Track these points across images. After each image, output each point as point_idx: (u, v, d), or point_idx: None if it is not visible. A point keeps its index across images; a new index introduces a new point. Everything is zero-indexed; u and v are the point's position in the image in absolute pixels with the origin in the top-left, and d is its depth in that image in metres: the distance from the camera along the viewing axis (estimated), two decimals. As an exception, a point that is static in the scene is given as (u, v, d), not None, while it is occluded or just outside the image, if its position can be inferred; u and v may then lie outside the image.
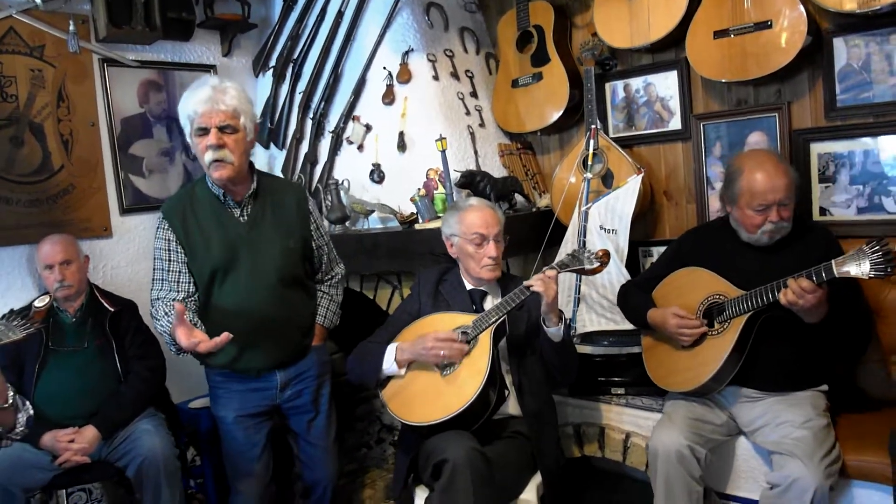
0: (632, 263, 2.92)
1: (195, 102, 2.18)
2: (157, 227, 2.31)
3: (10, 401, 1.89)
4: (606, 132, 3.11)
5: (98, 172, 3.32)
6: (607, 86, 3.17)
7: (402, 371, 2.33)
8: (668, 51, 2.98)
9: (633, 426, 2.63)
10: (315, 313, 2.50)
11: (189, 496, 2.84)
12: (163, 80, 3.55)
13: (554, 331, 2.25)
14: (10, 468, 2.50)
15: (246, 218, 2.32)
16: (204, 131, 2.18)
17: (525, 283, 2.22)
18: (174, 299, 2.24)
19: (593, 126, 2.94)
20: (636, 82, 3.10)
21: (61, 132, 3.21)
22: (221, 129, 2.18)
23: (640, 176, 2.84)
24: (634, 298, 2.55)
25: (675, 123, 3.01)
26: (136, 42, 3.41)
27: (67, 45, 2.91)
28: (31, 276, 3.10)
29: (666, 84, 3.01)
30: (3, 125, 3.05)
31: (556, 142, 3.46)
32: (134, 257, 3.37)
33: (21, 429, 2.00)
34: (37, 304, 1.95)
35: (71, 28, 2.82)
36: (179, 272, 2.28)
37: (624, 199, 2.85)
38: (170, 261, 2.29)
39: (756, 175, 2.21)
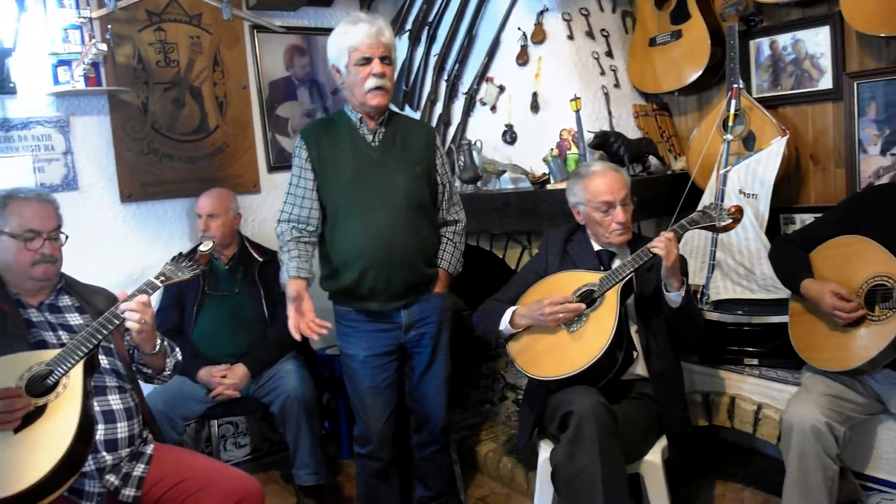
0: (772, 230, 2.80)
1: (359, 34, 2.31)
2: (295, 147, 2.46)
3: (158, 347, 2.08)
4: (749, 92, 2.97)
5: (249, 132, 3.56)
6: (751, 43, 3.01)
7: (518, 332, 2.39)
8: (819, 4, 2.78)
9: (765, 398, 2.54)
10: (437, 247, 2.56)
11: (324, 436, 3.04)
12: (306, 45, 3.73)
13: (673, 296, 2.22)
14: (171, 398, 2.79)
15: (378, 142, 2.44)
16: (367, 60, 2.31)
17: (648, 245, 2.20)
18: (297, 220, 2.39)
19: (735, 85, 2.81)
20: (783, 39, 2.92)
21: (216, 94, 3.46)
22: (382, 60, 2.32)
23: (785, 138, 2.70)
24: (790, 260, 2.39)
25: (826, 82, 2.82)
26: (282, 8, 3.59)
27: (221, 14, 3.13)
28: (189, 226, 3.39)
29: (816, 40, 2.82)
30: (167, 88, 3.33)
31: (693, 102, 3.34)
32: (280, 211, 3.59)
33: (168, 373, 2.19)
34: (201, 248, 2.13)
35: (224, -3, 3.03)
36: (305, 189, 2.41)
37: (766, 163, 2.72)
38: (300, 178, 2.42)
39: None
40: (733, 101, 2.80)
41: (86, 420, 1.82)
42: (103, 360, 2.05)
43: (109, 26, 3.01)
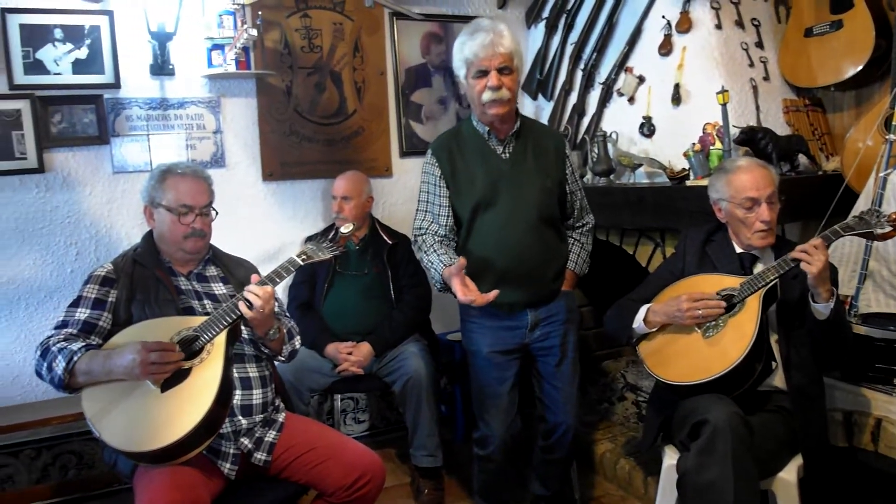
0: (936, 241, 2.56)
1: (475, 46, 2.28)
2: (425, 163, 2.46)
3: (273, 333, 2.11)
4: (918, 88, 2.72)
5: (384, 117, 3.64)
6: (924, 34, 2.77)
7: (650, 332, 2.30)
8: None
9: (917, 422, 2.35)
10: (566, 257, 2.53)
11: (440, 419, 3.08)
12: (443, 32, 3.76)
13: (820, 307, 2.07)
14: (300, 370, 2.90)
15: (508, 155, 2.40)
16: (483, 73, 2.28)
17: (791, 252, 2.06)
18: (436, 232, 2.38)
19: (903, 81, 2.59)
20: (964, 30, 2.66)
21: (355, 80, 3.56)
22: (500, 71, 2.27)
23: (959, 140, 2.46)
24: None
25: None
26: (422, -5, 3.65)
27: (364, 1, 3.20)
28: (324, 207, 3.52)
29: None
30: (310, 73, 3.46)
31: (850, 99, 3.09)
32: (410, 196, 3.65)
33: (282, 359, 2.26)
34: (342, 230, 2.19)
35: (367, -16, 3.11)
36: (441, 206, 2.41)
37: (935, 167, 2.49)
38: (435, 195, 2.42)
39: None
40: (900, 98, 2.58)
41: (226, 385, 1.93)
42: (243, 331, 2.15)
43: (260, 13, 3.17)
